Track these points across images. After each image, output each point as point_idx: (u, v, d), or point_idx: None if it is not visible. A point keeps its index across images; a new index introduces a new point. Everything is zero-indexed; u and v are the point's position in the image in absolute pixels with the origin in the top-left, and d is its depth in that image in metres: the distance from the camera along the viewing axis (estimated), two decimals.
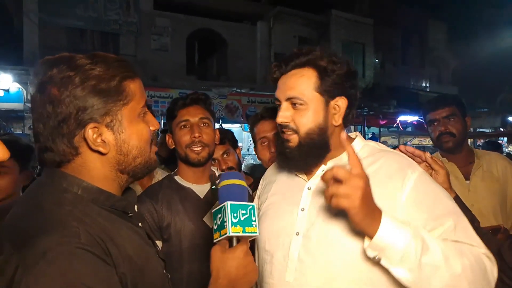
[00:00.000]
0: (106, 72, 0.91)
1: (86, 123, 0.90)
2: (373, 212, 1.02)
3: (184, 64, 13.72)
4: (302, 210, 1.29)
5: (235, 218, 1.02)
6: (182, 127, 1.77)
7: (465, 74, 20.33)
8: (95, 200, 0.92)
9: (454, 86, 20.57)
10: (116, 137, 0.94)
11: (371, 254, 1.05)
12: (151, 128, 1.03)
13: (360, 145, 1.35)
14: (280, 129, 1.33)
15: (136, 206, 1.07)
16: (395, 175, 1.21)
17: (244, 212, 1.04)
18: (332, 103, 1.27)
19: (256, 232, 1.04)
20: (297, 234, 1.26)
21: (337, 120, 1.28)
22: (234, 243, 1.03)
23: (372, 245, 1.03)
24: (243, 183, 1.11)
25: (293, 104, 1.26)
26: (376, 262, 1.07)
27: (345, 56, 1.33)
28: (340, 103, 1.27)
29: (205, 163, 1.81)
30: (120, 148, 0.95)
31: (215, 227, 1.05)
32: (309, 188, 1.32)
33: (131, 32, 12.79)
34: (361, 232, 1.07)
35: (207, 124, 1.80)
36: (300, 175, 1.36)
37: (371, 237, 1.03)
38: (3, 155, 0.78)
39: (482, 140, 14.92)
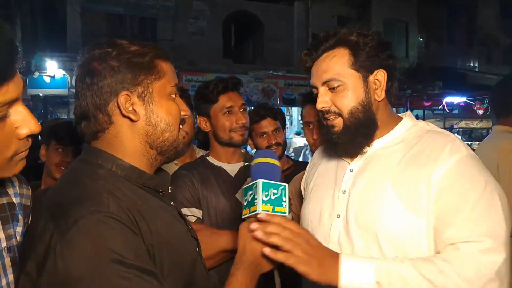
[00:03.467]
0: (141, 49, 0.99)
1: (119, 91, 0.96)
2: (329, 259, 1.04)
3: (221, 47, 13.73)
4: (343, 193, 1.27)
5: (266, 196, 1.03)
6: (227, 113, 1.83)
7: None
8: (127, 177, 0.98)
9: (506, 65, 19.30)
10: (146, 107, 0.99)
11: None
12: (181, 113, 1.06)
13: (408, 125, 1.28)
14: (322, 116, 1.30)
15: (170, 188, 1.11)
16: (434, 156, 1.14)
17: (275, 191, 1.05)
18: (371, 78, 1.23)
19: (285, 213, 1.05)
20: (338, 216, 1.26)
21: (380, 94, 1.24)
22: None
23: None
24: (276, 162, 1.14)
25: (331, 88, 1.24)
26: None
27: (383, 33, 1.27)
28: (380, 76, 1.23)
29: (245, 143, 1.95)
30: (149, 118, 1.00)
31: (245, 203, 1.07)
32: (351, 170, 1.29)
33: (169, 17, 12.92)
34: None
35: (245, 110, 1.90)
36: (344, 158, 1.34)
37: (337, 283, 1.04)
38: (36, 127, 0.87)
39: None
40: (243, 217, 1.07)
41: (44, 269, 0.80)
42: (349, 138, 1.23)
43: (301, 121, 2.37)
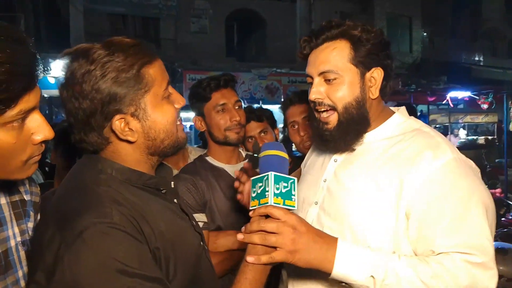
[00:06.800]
0: (124, 61, 0.92)
1: (112, 115, 0.93)
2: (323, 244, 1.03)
3: (223, 46, 13.71)
4: (324, 181, 1.31)
5: (277, 189, 1.03)
6: (221, 110, 1.79)
7: None
8: (127, 180, 0.98)
9: (511, 58, 19.15)
10: (142, 125, 0.97)
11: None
12: (177, 106, 1.04)
13: (397, 122, 1.28)
14: (314, 108, 1.28)
15: (172, 183, 1.11)
16: (412, 158, 1.13)
17: (285, 185, 1.05)
18: (368, 75, 1.22)
19: (294, 206, 1.05)
20: (316, 203, 1.30)
21: (374, 93, 1.23)
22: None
23: (334, 277, 1.05)
24: (284, 155, 1.12)
25: (327, 79, 1.22)
26: None
27: (384, 29, 1.25)
28: (376, 74, 1.22)
29: (241, 142, 1.92)
30: (147, 134, 0.98)
31: (253, 195, 1.06)
32: (335, 160, 1.32)
33: (171, 16, 12.91)
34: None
35: (241, 107, 1.86)
36: None
37: (329, 270, 1.04)
38: (50, 134, 0.91)
39: None
40: (250, 208, 1.06)
41: (53, 279, 0.82)
42: (341, 136, 1.23)
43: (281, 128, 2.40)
